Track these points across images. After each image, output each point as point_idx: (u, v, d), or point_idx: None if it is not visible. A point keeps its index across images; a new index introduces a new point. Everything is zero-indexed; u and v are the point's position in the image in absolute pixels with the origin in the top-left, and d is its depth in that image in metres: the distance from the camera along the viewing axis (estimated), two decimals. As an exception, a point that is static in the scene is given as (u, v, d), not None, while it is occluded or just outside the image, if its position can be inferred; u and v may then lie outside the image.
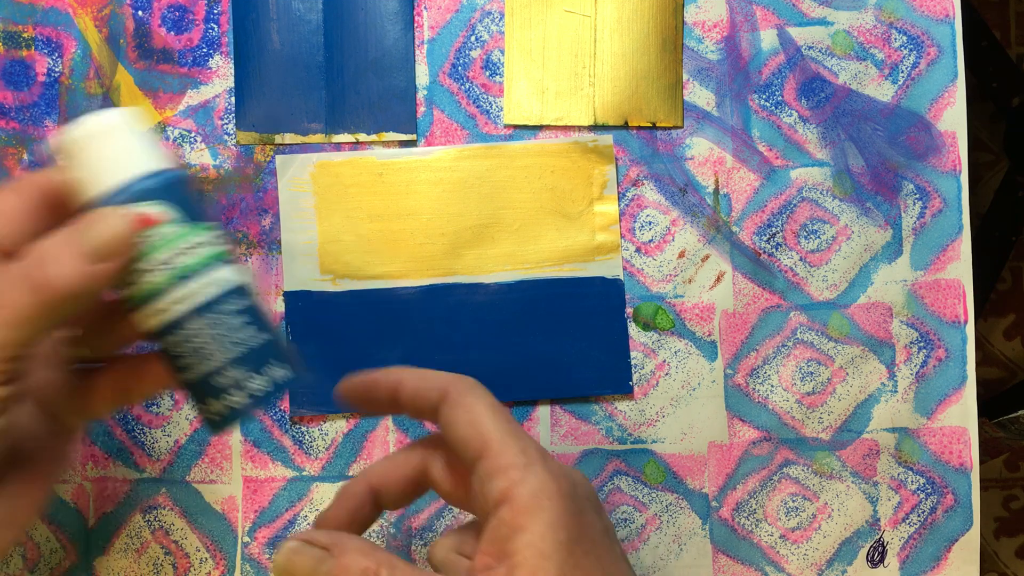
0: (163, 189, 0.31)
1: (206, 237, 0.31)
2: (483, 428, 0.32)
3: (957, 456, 0.47)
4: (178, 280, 0.30)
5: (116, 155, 0.31)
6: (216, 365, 0.31)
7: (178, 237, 0.31)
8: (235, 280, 0.32)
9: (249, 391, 0.31)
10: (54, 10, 0.46)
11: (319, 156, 0.46)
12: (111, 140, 0.31)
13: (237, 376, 0.31)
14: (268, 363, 0.32)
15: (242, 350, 0.31)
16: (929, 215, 0.47)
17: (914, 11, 0.47)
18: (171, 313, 0.31)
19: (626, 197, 0.47)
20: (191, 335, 0.31)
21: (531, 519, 0.30)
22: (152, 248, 0.30)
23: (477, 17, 0.47)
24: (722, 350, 0.47)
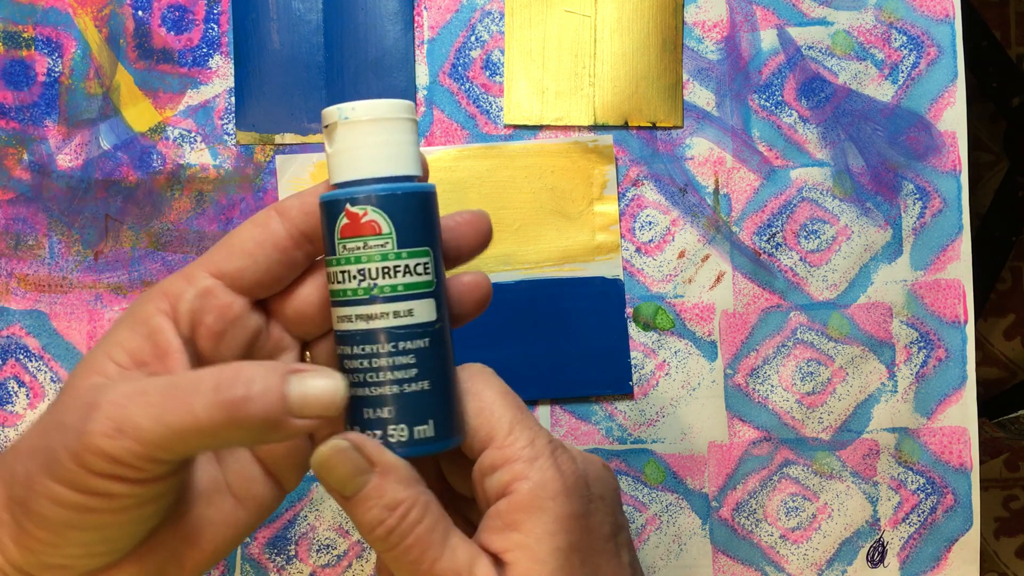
0: (385, 200, 0.29)
1: (406, 264, 0.29)
2: (491, 416, 0.30)
3: (957, 456, 0.47)
4: (368, 298, 0.29)
5: (383, 147, 0.29)
6: (369, 395, 0.29)
7: (380, 257, 0.29)
8: (431, 316, 0.30)
9: (389, 437, 0.29)
10: (54, 10, 0.46)
11: (319, 156, 0.46)
12: (387, 130, 0.29)
13: (383, 416, 0.29)
14: (421, 417, 0.29)
15: (392, 391, 0.29)
16: (929, 215, 0.47)
17: (914, 11, 0.47)
18: (351, 325, 0.29)
19: (626, 197, 0.47)
20: (366, 354, 0.29)
21: (528, 518, 0.29)
22: (352, 258, 0.29)
23: (477, 17, 0.47)
24: (722, 350, 0.47)
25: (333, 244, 0.29)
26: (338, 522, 0.46)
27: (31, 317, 0.46)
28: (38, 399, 0.46)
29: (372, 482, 0.28)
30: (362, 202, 0.29)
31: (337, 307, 0.29)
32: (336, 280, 0.29)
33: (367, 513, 0.28)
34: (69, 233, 0.46)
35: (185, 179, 0.46)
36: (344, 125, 0.29)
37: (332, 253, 0.29)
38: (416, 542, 0.28)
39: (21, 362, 0.46)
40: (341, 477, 0.28)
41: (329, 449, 0.28)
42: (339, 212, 0.29)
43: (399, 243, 0.29)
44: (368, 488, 0.28)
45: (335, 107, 0.29)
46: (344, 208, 0.29)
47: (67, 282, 0.46)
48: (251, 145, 0.47)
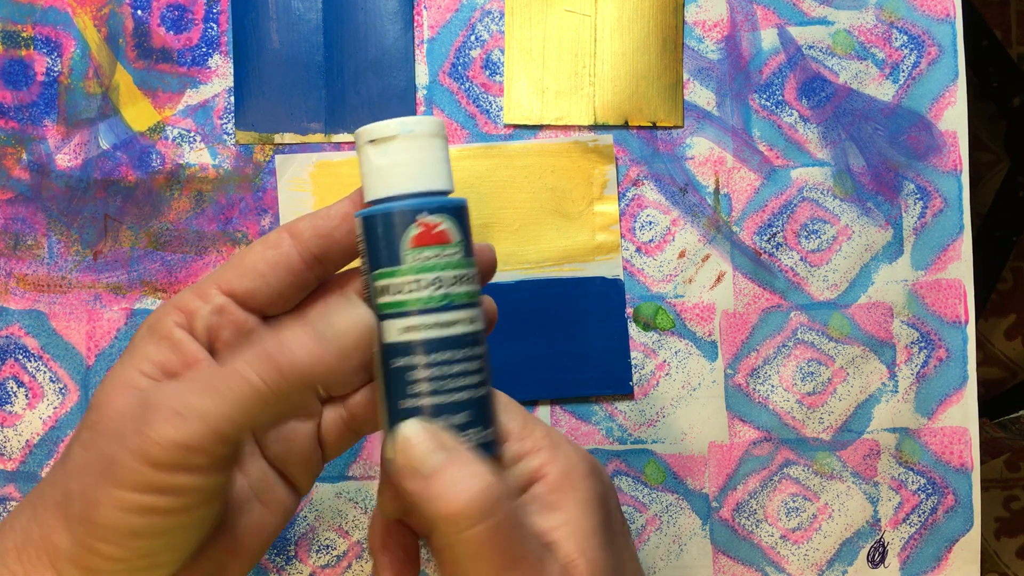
0: (454, 211, 0.30)
1: (470, 272, 0.30)
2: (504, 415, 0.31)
3: (958, 456, 0.47)
4: (444, 305, 0.29)
5: (441, 163, 0.30)
6: (442, 402, 0.30)
7: (453, 265, 0.30)
8: (481, 326, 0.31)
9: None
10: (53, 9, 0.46)
11: (319, 156, 0.46)
12: (427, 147, 0.30)
13: (456, 422, 0.30)
14: (486, 421, 0.30)
15: (458, 399, 0.30)
16: (930, 215, 0.47)
17: (915, 11, 0.47)
18: (424, 334, 0.29)
19: (626, 197, 0.47)
20: (425, 363, 0.29)
21: (566, 497, 0.29)
22: (427, 267, 0.29)
23: (477, 17, 0.47)
24: (722, 350, 0.47)
25: (398, 254, 0.30)
26: (338, 522, 0.46)
27: (30, 317, 0.46)
28: (37, 399, 0.46)
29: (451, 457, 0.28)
30: (436, 211, 0.30)
31: (402, 318, 0.30)
32: (402, 291, 0.30)
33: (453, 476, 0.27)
34: (68, 233, 0.46)
35: (184, 179, 0.46)
36: (407, 138, 0.30)
37: (396, 263, 0.30)
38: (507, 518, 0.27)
39: (20, 362, 0.46)
40: (419, 456, 0.28)
41: (408, 428, 0.29)
42: (408, 222, 0.29)
43: (465, 252, 0.30)
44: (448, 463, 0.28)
45: (391, 121, 0.30)
46: (416, 219, 0.29)
47: (66, 282, 0.46)
48: (250, 145, 0.47)
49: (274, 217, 0.46)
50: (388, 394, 0.30)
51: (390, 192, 0.30)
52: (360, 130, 0.30)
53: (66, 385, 0.46)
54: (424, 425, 0.29)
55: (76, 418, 0.46)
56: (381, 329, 0.30)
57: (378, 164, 0.30)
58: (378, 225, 0.30)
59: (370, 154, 0.30)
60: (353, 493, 0.46)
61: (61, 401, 0.46)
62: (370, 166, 0.30)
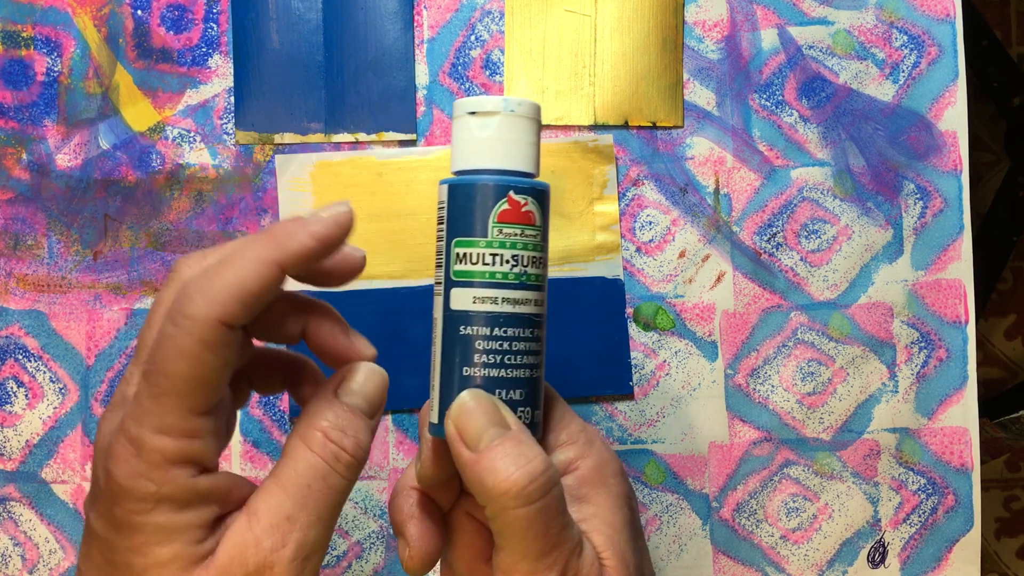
0: (541, 194, 0.31)
1: (544, 257, 0.31)
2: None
3: (958, 456, 0.47)
4: (519, 283, 0.30)
5: (534, 146, 0.31)
6: (504, 376, 0.30)
7: (532, 245, 0.31)
8: (543, 310, 0.32)
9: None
10: (53, 9, 0.46)
11: (319, 156, 0.46)
12: (523, 128, 0.31)
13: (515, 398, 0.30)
14: (538, 402, 0.31)
15: (516, 376, 0.30)
16: (930, 215, 0.47)
17: (915, 10, 0.47)
18: (496, 307, 0.30)
19: (626, 197, 0.47)
20: (491, 335, 0.30)
21: (597, 492, 0.30)
22: (510, 243, 0.30)
23: (477, 16, 0.47)
24: (722, 350, 0.47)
25: (485, 227, 0.30)
26: (338, 522, 0.46)
27: (30, 317, 0.46)
28: (37, 399, 0.46)
29: (511, 433, 0.28)
30: (525, 192, 0.31)
31: (476, 288, 0.30)
32: (483, 262, 0.30)
33: (505, 458, 0.28)
34: (68, 233, 0.46)
35: (184, 179, 0.46)
36: (508, 117, 0.31)
37: (482, 235, 0.30)
38: (554, 502, 0.28)
39: (20, 362, 0.46)
40: (478, 426, 0.29)
41: (471, 396, 0.29)
42: (499, 196, 0.30)
43: (543, 236, 0.31)
44: (508, 436, 0.28)
45: (494, 96, 0.32)
46: (507, 195, 0.30)
47: (66, 282, 0.46)
48: (250, 145, 0.46)
49: (274, 217, 0.46)
50: (447, 360, 0.31)
51: (484, 165, 0.31)
52: (461, 100, 0.31)
53: (66, 385, 0.46)
54: (483, 397, 0.30)
55: (76, 418, 0.46)
56: (449, 296, 0.31)
57: (476, 136, 0.31)
58: (467, 194, 0.31)
59: (470, 124, 0.31)
60: (352, 493, 0.46)
61: (61, 401, 0.46)
62: (465, 136, 0.31)
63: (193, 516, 0.27)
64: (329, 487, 0.28)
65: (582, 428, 0.32)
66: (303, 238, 0.27)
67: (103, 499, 0.27)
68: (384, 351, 0.46)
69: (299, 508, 0.27)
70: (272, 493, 0.28)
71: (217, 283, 0.26)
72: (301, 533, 0.27)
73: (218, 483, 0.27)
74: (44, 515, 0.46)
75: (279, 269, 0.27)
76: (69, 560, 0.46)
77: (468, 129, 0.31)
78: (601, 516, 0.30)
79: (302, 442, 0.28)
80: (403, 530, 0.32)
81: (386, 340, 0.46)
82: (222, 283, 0.26)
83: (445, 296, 0.31)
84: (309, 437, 0.28)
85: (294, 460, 0.28)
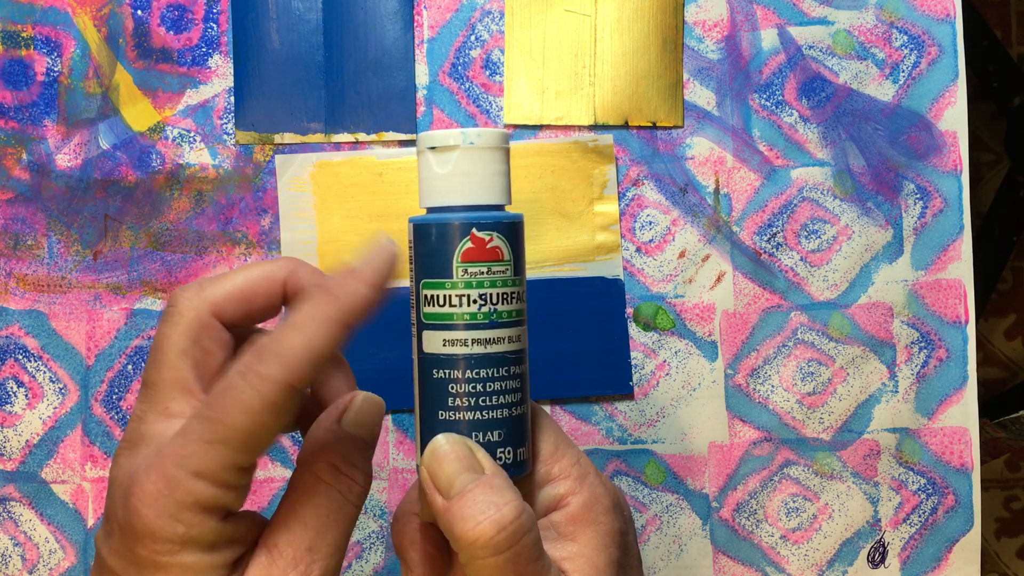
0: (508, 227, 0.30)
1: (518, 291, 0.30)
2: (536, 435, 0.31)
3: (958, 456, 0.47)
4: (489, 322, 0.30)
5: (500, 176, 0.30)
6: (480, 418, 0.30)
7: (501, 282, 0.30)
8: (524, 344, 0.31)
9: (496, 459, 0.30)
10: (53, 9, 0.46)
11: (319, 156, 0.46)
12: (486, 159, 0.30)
13: (493, 439, 0.30)
14: (523, 440, 0.30)
15: (495, 417, 0.30)
16: (930, 215, 0.47)
17: (915, 10, 0.47)
18: (466, 349, 0.30)
19: (626, 197, 0.47)
20: (465, 378, 0.30)
21: (584, 530, 0.30)
22: (476, 282, 0.29)
23: (477, 16, 0.47)
24: (722, 350, 0.47)
25: (449, 268, 0.29)
26: (338, 522, 0.46)
27: (30, 317, 0.46)
28: (37, 399, 0.46)
29: (484, 479, 0.28)
30: (490, 227, 0.29)
31: (445, 330, 0.30)
32: (449, 304, 0.30)
33: (474, 506, 0.27)
34: (68, 233, 0.46)
35: (184, 179, 0.46)
36: (468, 150, 0.30)
37: (446, 276, 0.30)
38: (525, 550, 0.27)
39: (20, 362, 0.46)
40: (450, 472, 0.28)
41: (445, 441, 0.29)
42: (460, 235, 0.29)
43: (515, 270, 0.30)
44: (479, 483, 0.28)
45: (450, 131, 0.30)
46: (470, 233, 0.29)
47: (66, 282, 0.46)
48: (250, 145, 0.46)
49: (274, 217, 0.46)
50: (423, 403, 0.30)
51: (444, 202, 0.30)
52: (421, 135, 0.30)
53: (66, 385, 0.46)
54: (457, 441, 0.29)
55: (76, 418, 0.46)
56: (422, 338, 0.30)
57: (435, 172, 0.30)
58: (430, 234, 0.30)
59: (431, 160, 0.30)
60: (353, 493, 0.46)
61: (61, 401, 0.46)
62: (427, 173, 0.30)
63: (219, 558, 0.27)
64: (345, 516, 0.28)
65: (575, 461, 0.31)
66: (364, 291, 0.27)
67: (122, 536, 0.27)
68: (384, 351, 0.46)
69: (319, 539, 0.28)
70: (290, 527, 0.28)
71: (288, 346, 0.26)
72: (324, 562, 0.28)
73: (242, 525, 0.28)
74: (44, 515, 0.46)
75: (346, 329, 0.27)
76: (69, 560, 0.46)
77: (429, 166, 0.30)
78: (585, 556, 0.29)
79: (315, 475, 0.28)
80: (405, 555, 0.32)
81: (386, 339, 0.46)
82: (294, 347, 0.26)
83: (418, 338, 0.30)
84: (322, 470, 0.28)
85: (309, 493, 0.28)
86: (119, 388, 0.46)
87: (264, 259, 0.31)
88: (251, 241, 0.46)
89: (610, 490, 0.31)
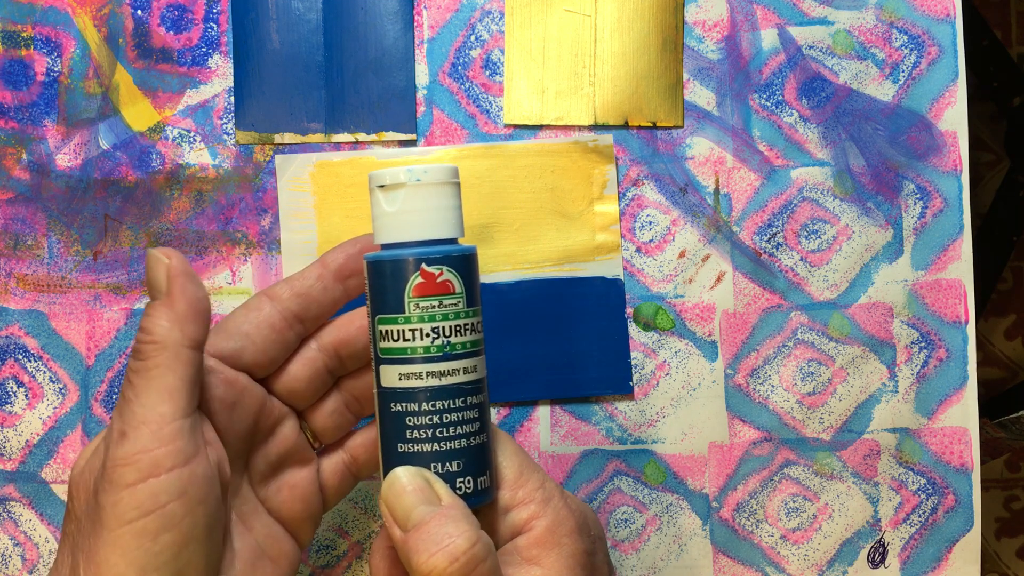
0: (458, 260, 0.31)
1: (472, 322, 0.31)
2: (501, 461, 0.32)
3: (958, 456, 0.47)
4: (442, 355, 0.30)
5: (449, 211, 0.31)
6: (439, 450, 0.30)
7: (454, 315, 0.30)
8: (484, 371, 0.31)
9: (456, 489, 0.31)
10: (53, 9, 0.46)
11: (319, 156, 0.46)
12: (435, 195, 0.31)
13: (452, 469, 0.30)
14: (483, 468, 0.31)
15: (454, 447, 0.30)
16: (930, 215, 0.47)
17: (915, 10, 0.47)
18: (421, 382, 0.30)
19: (626, 197, 0.47)
20: (437, 410, 0.30)
21: (548, 553, 0.30)
22: (428, 316, 0.30)
23: (477, 16, 0.47)
24: (722, 350, 0.47)
25: (401, 303, 0.30)
26: (338, 522, 0.46)
27: (30, 317, 0.46)
28: (37, 399, 0.46)
29: (439, 511, 0.29)
30: (439, 262, 0.30)
31: (400, 364, 0.30)
32: (403, 338, 0.30)
33: (428, 538, 0.28)
34: (68, 233, 0.46)
35: (184, 179, 0.46)
36: (416, 187, 0.30)
37: (399, 311, 0.30)
38: None
39: (20, 362, 0.46)
40: (407, 505, 0.29)
41: (402, 474, 0.30)
42: (411, 272, 0.30)
43: (468, 302, 0.31)
44: (434, 516, 0.28)
45: (398, 169, 0.30)
46: (420, 268, 0.30)
47: (66, 282, 0.46)
48: (250, 145, 0.47)
49: (274, 217, 0.46)
50: (383, 436, 0.31)
51: (395, 239, 0.31)
52: (371, 174, 0.31)
53: (66, 385, 0.46)
54: (414, 474, 0.30)
55: (76, 418, 0.46)
56: (380, 372, 0.31)
57: (386, 210, 0.31)
58: (382, 271, 0.30)
59: (379, 199, 0.31)
60: (353, 493, 0.46)
61: (61, 401, 0.46)
62: (378, 211, 0.31)
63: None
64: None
65: (540, 485, 0.31)
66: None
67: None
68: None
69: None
70: None
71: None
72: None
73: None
74: (44, 515, 0.46)
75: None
76: (69, 560, 0.46)
77: (379, 203, 0.31)
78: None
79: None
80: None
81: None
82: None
83: (376, 372, 0.31)
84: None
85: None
86: (119, 388, 0.46)
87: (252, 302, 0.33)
88: (251, 241, 0.46)
89: (575, 511, 0.31)
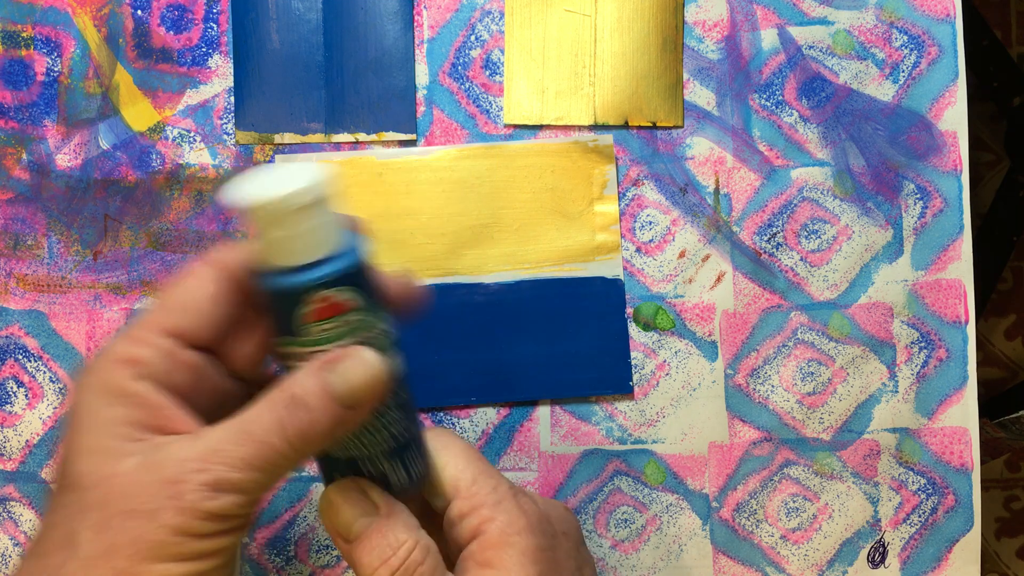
0: (343, 277, 0.28)
1: (375, 329, 0.30)
2: (455, 471, 0.32)
3: (958, 456, 0.47)
4: None
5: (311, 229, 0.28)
6: (368, 452, 0.31)
7: (352, 330, 0.29)
8: (402, 371, 0.31)
9: (390, 484, 0.31)
10: (53, 9, 0.46)
11: (319, 156, 0.46)
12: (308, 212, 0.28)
13: (385, 467, 0.31)
14: (414, 458, 0.32)
15: (396, 442, 0.31)
16: (930, 215, 0.47)
17: (915, 10, 0.47)
18: None
19: (626, 197, 0.47)
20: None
21: (500, 554, 0.30)
22: (324, 339, 0.29)
23: (477, 16, 0.47)
24: (722, 350, 0.47)
25: (298, 328, 0.29)
26: (338, 522, 0.46)
27: (30, 317, 0.46)
28: (37, 399, 0.46)
29: (376, 523, 0.30)
30: (322, 287, 0.28)
31: None
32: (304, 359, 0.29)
33: (371, 552, 0.29)
34: (68, 233, 0.46)
35: (184, 179, 0.46)
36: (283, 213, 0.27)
37: (297, 334, 0.29)
38: None
39: (20, 362, 0.46)
40: (346, 519, 0.30)
41: (336, 490, 0.30)
42: (295, 303, 0.28)
43: (366, 309, 0.29)
44: (372, 528, 0.29)
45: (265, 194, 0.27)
46: (301, 299, 0.28)
47: (66, 282, 0.46)
48: (250, 145, 0.46)
49: (274, 217, 0.46)
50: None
51: (275, 266, 0.28)
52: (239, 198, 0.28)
53: (66, 385, 0.46)
54: (349, 486, 0.30)
55: (76, 418, 0.46)
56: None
57: (261, 237, 0.28)
58: (270, 300, 0.29)
59: (254, 224, 0.28)
60: (353, 493, 0.46)
61: (61, 401, 0.46)
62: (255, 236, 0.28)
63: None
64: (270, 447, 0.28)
65: (493, 488, 0.32)
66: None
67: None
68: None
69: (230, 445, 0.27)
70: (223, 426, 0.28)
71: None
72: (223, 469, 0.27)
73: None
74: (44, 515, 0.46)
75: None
76: (69, 560, 0.46)
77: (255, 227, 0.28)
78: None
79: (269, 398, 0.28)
80: None
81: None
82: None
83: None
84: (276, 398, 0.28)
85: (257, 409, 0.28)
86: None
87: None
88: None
89: (528, 510, 0.31)
